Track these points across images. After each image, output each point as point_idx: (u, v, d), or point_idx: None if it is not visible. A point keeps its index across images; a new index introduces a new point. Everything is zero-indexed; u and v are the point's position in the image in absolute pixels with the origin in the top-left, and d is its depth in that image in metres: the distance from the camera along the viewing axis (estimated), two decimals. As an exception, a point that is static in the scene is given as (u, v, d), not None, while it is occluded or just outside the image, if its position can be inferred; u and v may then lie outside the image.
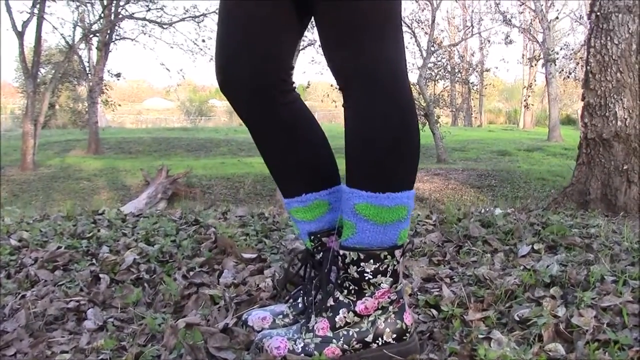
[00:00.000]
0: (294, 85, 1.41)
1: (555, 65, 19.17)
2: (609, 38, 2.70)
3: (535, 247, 2.08)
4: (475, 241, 2.22)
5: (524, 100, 17.11)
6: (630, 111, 2.66)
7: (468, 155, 18.46)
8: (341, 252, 1.30)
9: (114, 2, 17.16)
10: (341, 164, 1.35)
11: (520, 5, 20.58)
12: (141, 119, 43.07)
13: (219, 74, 1.35)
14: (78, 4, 17.46)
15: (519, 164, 16.19)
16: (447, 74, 17.26)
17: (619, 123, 2.72)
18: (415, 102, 15.46)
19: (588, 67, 2.83)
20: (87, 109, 20.74)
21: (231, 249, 2.11)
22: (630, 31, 2.63)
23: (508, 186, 12.52)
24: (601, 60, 2.73)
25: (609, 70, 2.70)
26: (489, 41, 20.25)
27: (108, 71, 19.59)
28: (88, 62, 19.91)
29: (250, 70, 1.32)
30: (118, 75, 20.42)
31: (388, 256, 1.27)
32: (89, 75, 19.07)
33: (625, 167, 2.77)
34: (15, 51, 14.36)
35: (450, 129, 19.18)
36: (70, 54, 17.14)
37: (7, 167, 15.52)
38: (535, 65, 15.21)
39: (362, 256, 1.27)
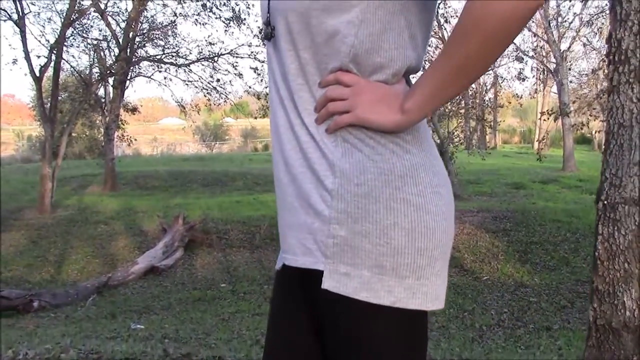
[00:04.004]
0: None
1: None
2: (616, 228, 2.77)
3: None
4: None
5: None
6: (639, 302, 2.73)
7: (482, 190, 18.49)
8: None
9: (129, 45, 17.39)
10: None
11: (535, 39, 20.68)
12: (156, 142, 43.41)
13: None
14: (95, 43, 17.74)
15: (533, 200, 16.20)
16: (460, 110, 17.32)
17: (628, 313, 2.78)
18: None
19: (596, 254, 2.90)
20: (102, 137, 20.94)
21: None
22: (637, 223, 2.70)
23: (523, 230, 12.52)
24: (609, 249, 2.79)
25: (616, 259, 2.77)
26: (502, 77, 20.36)
27: (124, 106, 19.81)
28: (104, 97, 20.16)
29: None
30: (134, 110, 20.67)
31: None
32: (105, 111, 19.29)
33: (635, 358, 2.83)
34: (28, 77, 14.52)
35: (463, 161, 19.18)
36: (88, 96, 17.36)
37: (25, 209, 15.70)
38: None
39: None
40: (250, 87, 18.72)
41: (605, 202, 2.82)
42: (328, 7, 1.20)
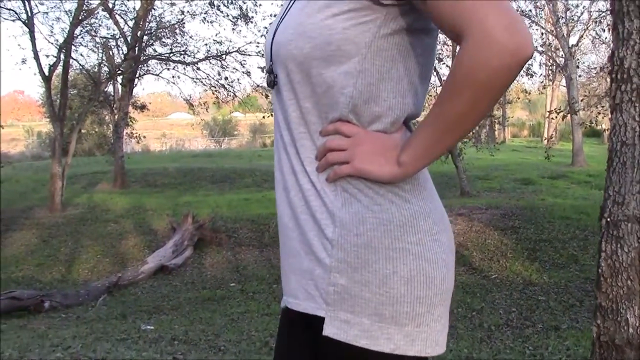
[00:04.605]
0: None
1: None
2: (619, 245, 2.78)
3: None
4: None
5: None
6: (642, 319, 2.75)
7: (492, 185, 18.45)
8: None
9: (137, 43, 17.43)
10: None
11: (543, 36, 20.64)
12: (165, 138, 43.53)
13: None
14: (104, 42, 17.81)
15: (542, 196, 16.15)
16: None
17: (631, 330, 2.80)
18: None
19: (599, 270, 2.91)
20: (112, 134, 21.01)
21: None
22: (640, 240, 2.72)
23: (532, 227, 12.49)
24: (612, 265, 2.81)
25: (619, 276, 2.78)
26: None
27: (132, 104, 19.86)
28: (113, 95, 20.23)
29: None
30: (143, 107, 20.73)
31: None
32: (114, 109, 19.37)
33: (638, 375, 2.86)
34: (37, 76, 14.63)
35: (472, 157, 19.17)
36: (97, 94, 17.42)
37: (35, 207, 15.80)
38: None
39: None
40: (258, 86, 18.75)
41: (609, 219, 2.84)
42: (326, 57, 1.22)
